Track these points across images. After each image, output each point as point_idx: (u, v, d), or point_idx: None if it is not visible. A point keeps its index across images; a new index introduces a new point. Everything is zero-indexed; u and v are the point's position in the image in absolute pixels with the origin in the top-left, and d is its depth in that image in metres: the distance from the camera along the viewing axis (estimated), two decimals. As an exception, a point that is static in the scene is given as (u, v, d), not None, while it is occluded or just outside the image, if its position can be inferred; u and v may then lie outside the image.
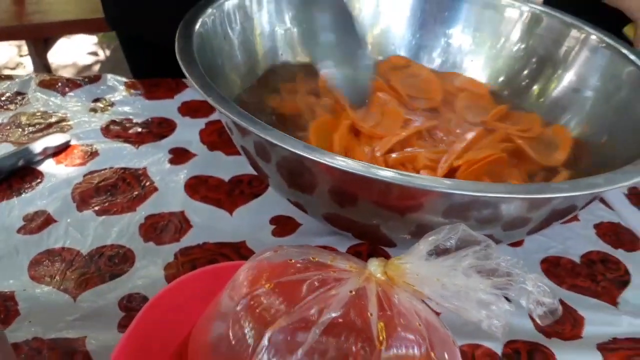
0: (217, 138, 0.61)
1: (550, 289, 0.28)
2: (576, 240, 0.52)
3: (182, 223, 0.50)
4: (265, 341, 0.25)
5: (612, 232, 0.53)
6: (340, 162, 0.36)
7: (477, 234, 0.29)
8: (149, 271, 0.45)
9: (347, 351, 0.25)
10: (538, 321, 0.27)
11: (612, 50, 0.51)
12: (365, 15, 0.59)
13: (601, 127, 0.50)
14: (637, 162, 0.38)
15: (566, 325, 0.43)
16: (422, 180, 0.36)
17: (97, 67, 2.26)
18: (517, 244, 0.51)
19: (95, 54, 2.35)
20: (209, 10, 0.52)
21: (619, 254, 0.51)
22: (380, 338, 0.26)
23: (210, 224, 0.50)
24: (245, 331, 0.26)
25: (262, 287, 0.28)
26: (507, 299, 0.29)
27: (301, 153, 0.36)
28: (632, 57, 0.50)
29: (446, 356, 0.29)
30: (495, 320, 0.28)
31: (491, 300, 0.29)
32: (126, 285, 0.43)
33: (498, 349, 0.41)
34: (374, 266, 0.31)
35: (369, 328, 0.26)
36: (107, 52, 2.35)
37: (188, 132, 0.61)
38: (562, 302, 0.45)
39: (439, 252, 0.30)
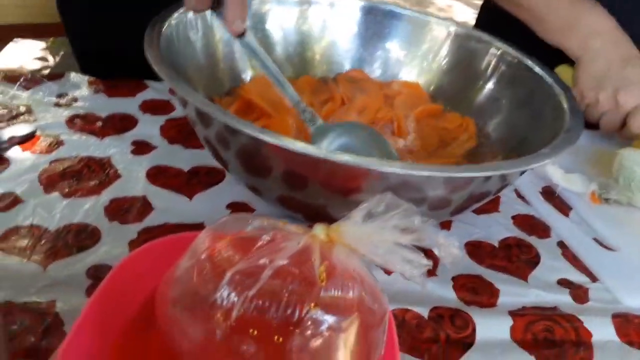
0: (176, 133, 0.65)
1: (470, 264, 0.34)
2: (496, 228, 0.59)
3: (144, 206, 0.54)
4: (226, 279, 0.30)
5: (527, 222, 0.61)
6: (291, 144, 0.42)
7: (401, 200, 0.35)
8: (114, 246, 0.48)
9: (292, 290, 0.30)
10: (447, 266, 0.33)
11: (521, 63, 0.60)
12: (314, 30, 0.66)
13: (516, 129, 0.58)
14: (537, 153, 0.46)
15: (484, 296, 0.50)
16: (357, 159, 0.42)
17: (45, 73, 2.23)
18: (445, 228, 0.58)
19: (44, 59, 2.33)
20: (174, 15, 0.57)
21: (532, 240, 0.58)
22: (321, 279, 0.31)
23: (170, 207, 0.54)
24: (208, 275, 0.31)
25: (221, 241, 0.33)
26: (426, 255, 0.36)
27: (259, 136, 0.42)
28: (536, 69, 0.58)
29: (375, 303, 0.35)
30: (415, 271, 0.34)
31: (413, 256, 0.35)
32: (93, 257, 0.47)
33: (425, 312, 0.47)
34: (319, 229, 0.36)
35: (311, 273, 0.32)
36: (57, 58, 2.33)
37: (149, 127, 0.66)
38: (481, 277, 0.52)
39: (371, 217, 0.36)
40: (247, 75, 0.64)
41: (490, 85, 0.63)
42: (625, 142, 0.73)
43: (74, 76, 0.73)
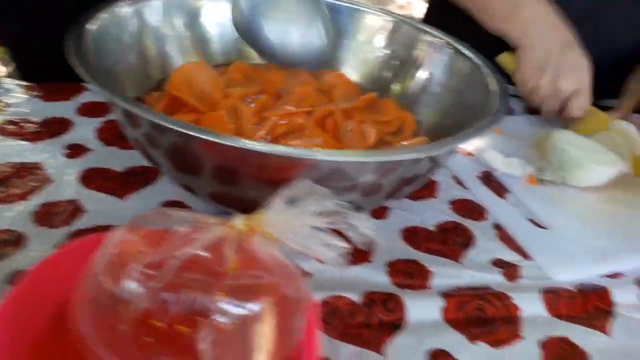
0: (113, 135, 0.64)
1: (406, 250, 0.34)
2: (432, 213, 0.60)
3: (75, 210, 0.53)
4: (132, 272, 0.30)
5: (464, 206, 0.62)
6: (216, 136, 0.42)
7: (317, 186, 0.35)
8: (41, 251, 0.48)
9: (200, 280, 0.30)
10: (359, 246, 0.34)
11: (451, 48, 0.61)
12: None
13: (447, 114, 0.59)
14: (459, 134, 0.47)
15: (417, 280, 0.51)
16: (284, 149, 0.43)
17: None
18: (382, 216, 0.58)
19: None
20: (102, 15, 0.56)
21: (468, 223, 0.60)
22: (231, 269, 0.32)
23: (103, 209, 0.54)
24: (116, 269, 0.31)
25: (133, 235, 0.33)
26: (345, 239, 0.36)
27: (184, 130, 0.41)
28: (471, 57, 0.60)
29: (293, 290, 0.35)
30: (332, 254, 0.35)
31: (330, 240, 0.36)
32: (17, 263, 0.46)
33: (357, 298, 0.48)
34: (237, 220, 0.36)
35: (222, 263, 0.32)
36: (9, 68, 2.28)
37: (85, 130, 0.65)
38: (416, 262, 0.53)
39: (291, 204, 0.36)
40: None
41: (423, 74, 0.64)
42: (566, 126, 0.76)
43: (8, 82, 0.71)
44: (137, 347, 0.30)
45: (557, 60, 0.72)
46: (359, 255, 0.53)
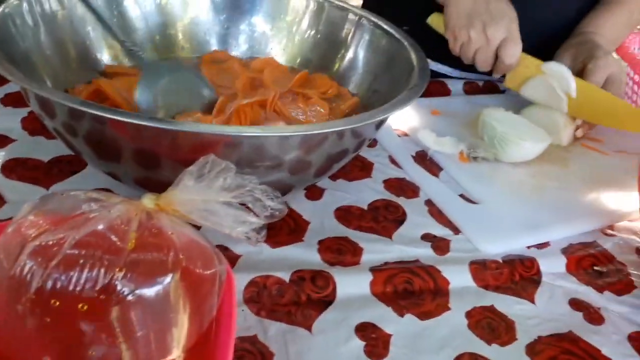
0: (39, 125, 0.62)
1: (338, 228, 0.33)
2: (366, 193, 0.61)
3: (-4, 200, 0.51)
4: (26, 251, 0.29)
5: (397, 185, 0.63)
6: (127, 116, 0.41)
7: (222, 160, 0.35)
8: (-44, 243, 0.46)
9: (97, 257, 0.30)
10: (263, 220, 0.34)
11: (375, 26, 0.62)
12: (175, 7, 0.65)
13: (375, 92, 0.60)
14: (378, 109, 0.47)
15: (347, 256, 0.51)
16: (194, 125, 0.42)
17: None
18: (317, 196, 0.59)
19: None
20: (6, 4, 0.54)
21: (400, 200, 0.60)
22: (130, 245, 0.31)
23: (25, 199, 0.50)
24: (11, 249, 0.30)
25: (29, 215, 0.32)
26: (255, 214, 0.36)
27: (98, 112, 0.40)
28: (394, 33, 0.60)
29: (202, 267, 0.34)
30: (244, 228, 0.35)
31: (243, 216, 0.36)
32: None
33: (286, 277, 0.48)
34: (146, 198, 0.36)
35: (122, 241, 0.31)
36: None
37: (9, 120, 0.63)
38: (347, 239, 0.53)
39: (198, 179, 0.36)
40: (103, 60, 0.62)
41: (350, 53, 0.64)
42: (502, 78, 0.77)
43: None
44: (31, 328, 0.29)
45: (483, 10, 0.73)
46: (291, 235, 0.53)
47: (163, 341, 0.32)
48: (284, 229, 0.53)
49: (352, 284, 0.48)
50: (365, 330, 0.44)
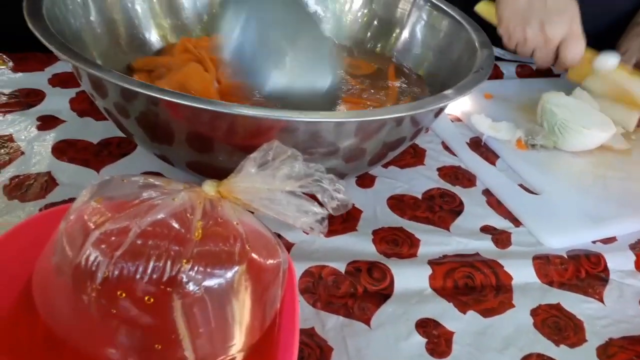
0: (88, 106, 0.62)
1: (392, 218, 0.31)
2: (420, 181, 0.58)
3: (48, 182, 0.51)
4: (91, 239, 0.28)
5: (452, 173, 0.60)
6: (185, 98, 0.39)
7: (287, 147, 0.33)
8: (11, 225, 0.45)
9: (163, 247, 0.28)
10: (331, 211, 0.32)
11: (433, 6, 0.59)
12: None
13: (432, 75, 0.57)
14: (441, 94, 0.44)
15: (404, 247, 0.49)
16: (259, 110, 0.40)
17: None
18: (368, 184, 0.56)
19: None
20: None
21: (457, 190, 0.58)
22: (197, 233, 0.30)
23: (77, 181, 0.51)
24: (75, 237, 0.29)
25: (90, 201, 0.31)
26: (320, 204, 0.34)
27: (154, 94, 0.39)
28: (453, 13, 0.57)
29: (267, 258, 0.33)
30: (308, 219, 0.33)
31: (307, 206, 0.34)
32: (-14, 237, 0.44)
33: (342, 267, 0.46)
34: (207, 185, 0.34)
35: (187, 230, 0.30)
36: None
37: (58, 101, 0.62)
38: (402, 229, 0.51)
39: (261, 166, 0.34)
40: (151, 39, 0.61)
41: (406, 33, 0.61)
42: (562, 72, 0.72)
43: (-23, 53, 0.68)
44: (97, 319, 0.28)
45: (540, 8, 0.67)
46: (344, 224, 0.51)
47: (226, 335, 0.31)
48: (337, 218, 0.51)
49: (410, 277, 0.46)
50: (427, 327, 0.42)
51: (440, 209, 0.55)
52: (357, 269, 0.46)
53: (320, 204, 0.34)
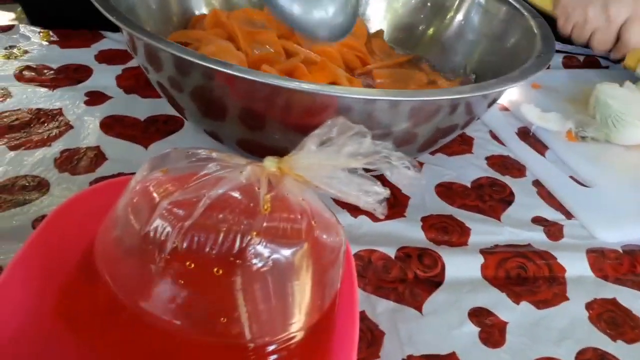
0: (134, 82, 0.62)
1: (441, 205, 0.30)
2: (468, 169, 0.57)
3: (97, 156, 0.51)
4: (159, 210, 0.28)
5: (501, 163, 0.59)
6: (242, 71, 0.38)
7: (352, 124, 0.32)
8: (63, 196, 0.46)
9: (233, 220, 0.28)
10: (402, 189, 0.31)
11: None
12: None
13: (485, 62, 0.55)
14: (501, 77, 0.43)
15: (454, 235, 0.48)
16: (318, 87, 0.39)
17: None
18: (416, 171, 0.55)
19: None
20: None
21: (506, 179, 0.56)
22: (265, 207, 0.29)
23: (125, 157, 0.51)
24: (141, 208, 0.29)
25: (156, 173, 0.30)
26: (382, 184, 0.33)
27: (210, 65, 0.38)
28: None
29: (329, 236, 0.32)
30: (370, 200, 0.32)
31: (369, 186, 0.33)
32: (40, 208, 0.44)
33: (392, 253, 0.45)
34: (268, 161, 0.34)
35: (255, 203, 0.29)
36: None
37: (104, 77, 0.62)
38: (451, 217, 0.50)
39: (324, 144, 0.34)
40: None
41: (460, 16, 0.59)
42: (618, 60, 0.70)
43: (25, 28, 0.69)
44: (164, 289, 0.28)
45: None
46: (392, 209, 0.50)
47: (286, 313, 0.30)
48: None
49: (462, 266, 0.45)
50: (480, 316, 0.41)
51: (490, 198, 0.53)
52: (407, 254, 0.45)
53: (383, 184, 0.33)
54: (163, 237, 0.27)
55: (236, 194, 0.29)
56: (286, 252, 0.28)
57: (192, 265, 0.27)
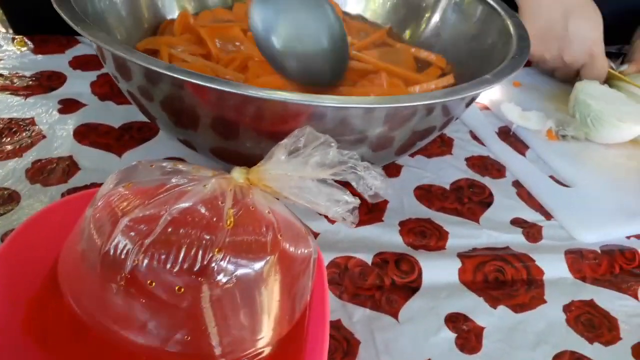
0: (108, 89, 0.61)
1: (419, 209, 0.30)
2: (448, 171, 0.57)
3: (70, 166, 0.50)
4: (120, 227, 0.27)
5: (481, 163, 0.59)
6: (211, 81, 0.38)
7: (319, 134, 0.32)
8: (34, 209, 0.45)
9: (194, 236, 0.27)
10: (368, 200, 0.31)
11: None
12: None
13: (463, 62, 0.55)
14: (476, 80, 0.43)
15: (432, 239, 0.48)
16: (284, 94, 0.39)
17: None
18: (394, 174, 0.55)
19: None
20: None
21: (486, 180, 0.56)
22: (229, 222, 0.28)
23: (99, 166, 0.51)
24: (103, 224, 0.28)
25: (117, 187, 0.30)
26: (352, 193, 0.33)
27: (180, 76, 0.37)
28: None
29: (298, 247, 0.32)
30: (339, 209, 0.32)
31: (338, 195, 0.32)
32: (10, 221, 0.43)
33: (369, 259, 0.45)
34: (236, 172, 0.33)
35: (218, 218, 0.29)
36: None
37: (79, 84, 0.61)
38: (430, 221, 0.50)
39: (292, 153, 0.33)
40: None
41: (436, 18, 0.59)
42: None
43: (-2, 35, 0.68)
44: (125, 308, 0.27)
45: (559, 29, 0.66)
46: (369, 214, 0.50)
47: (255, 328, 0.30)
48: (362, 208, 0.50)
49: (439, 271, 0.45)
50: (457, 322, 0.41)
51: (469, 200, 0.53)
52: (384, 260, 0.45)
53: (352, 193, 0.32)
54: (123, 255, 0.26)
55: (201, 208, 0.29)
56: (251, 267, 0.28)
57: (153, 284, 0.26)
